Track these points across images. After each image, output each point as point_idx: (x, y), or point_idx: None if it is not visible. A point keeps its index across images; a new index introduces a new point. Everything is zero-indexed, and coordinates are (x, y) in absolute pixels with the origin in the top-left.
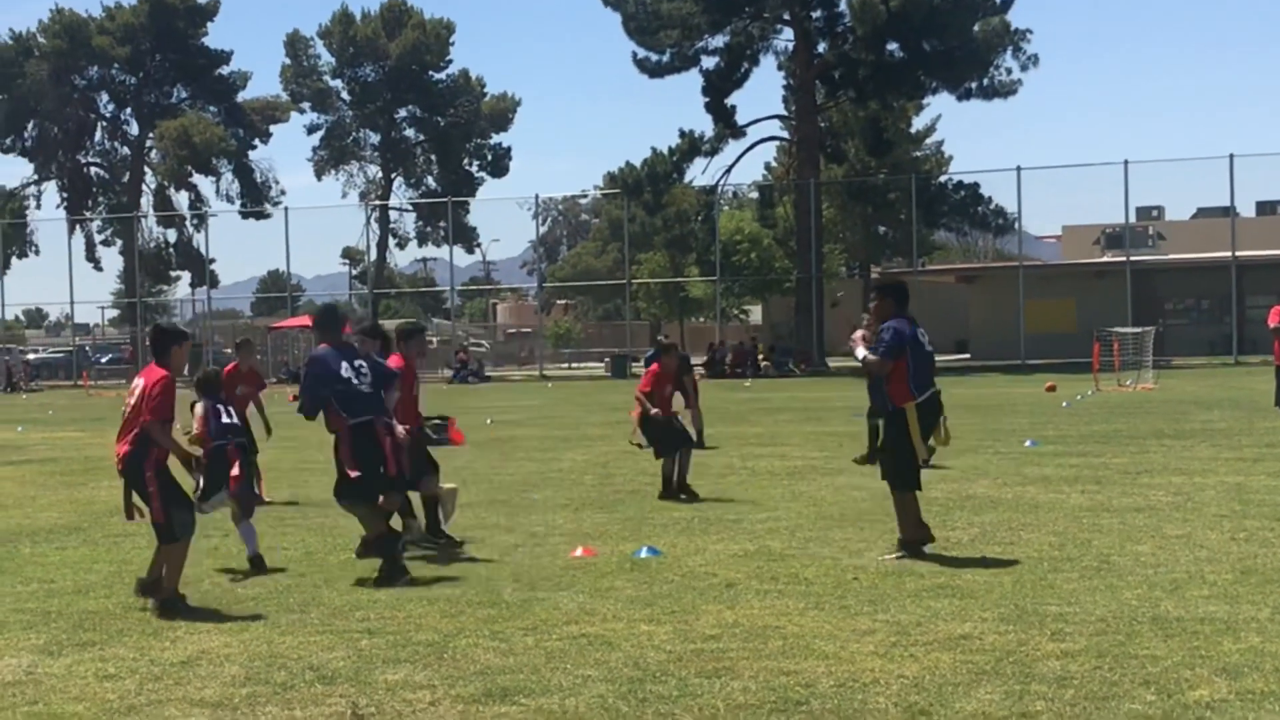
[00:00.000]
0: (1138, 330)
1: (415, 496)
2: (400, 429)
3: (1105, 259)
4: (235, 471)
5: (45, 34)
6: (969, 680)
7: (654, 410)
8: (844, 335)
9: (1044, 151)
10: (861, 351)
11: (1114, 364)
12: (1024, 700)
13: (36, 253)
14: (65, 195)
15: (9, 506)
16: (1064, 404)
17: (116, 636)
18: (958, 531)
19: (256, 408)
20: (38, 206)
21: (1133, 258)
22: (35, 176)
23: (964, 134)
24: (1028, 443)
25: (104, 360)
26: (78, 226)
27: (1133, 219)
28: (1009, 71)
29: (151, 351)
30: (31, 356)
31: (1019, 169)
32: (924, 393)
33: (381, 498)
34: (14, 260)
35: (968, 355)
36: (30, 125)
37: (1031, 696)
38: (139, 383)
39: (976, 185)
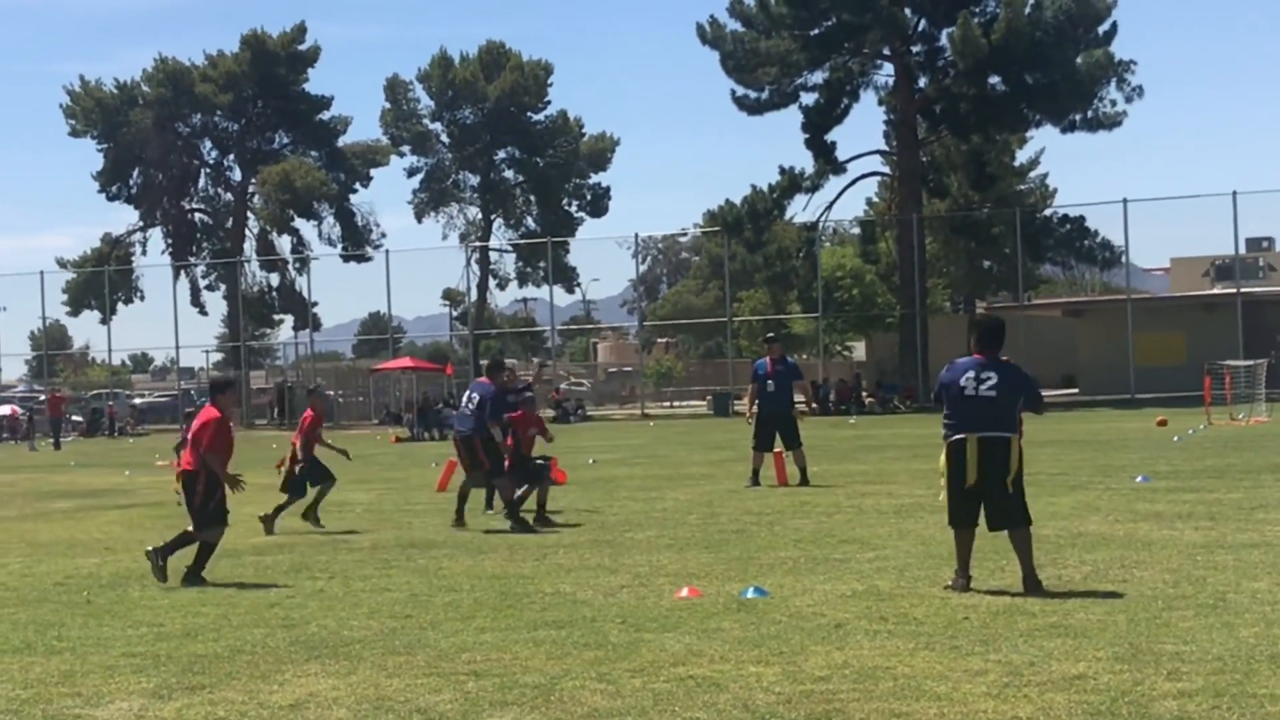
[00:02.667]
0: (1249, 363)
1: None
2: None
3: (1215, 291)
4: None
5: (149, 83)
6: None
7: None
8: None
9: (1151, 183)
10: None
11: (1226, 397)
12: None
13: (142, 299)
14: (170, 241)
15: (117, 550)
16: (1175, 438)
17: (225, 679)
18: (1069, 570)
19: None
20: (143, 253)
21: (1243, 289)
22: (141, 223)
23: (1068, 166)
24: (1139, 478)
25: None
26: (182, 272)
27: (1242, 250)
28: (1113, 103)
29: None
30: (138, 401)
31: (1125, 201)
32: (953, 435)
33: None
34: (120, 306)
35: (1076, 390)
36: (135, 173)
37: None
38: None
39: (1082, 218)
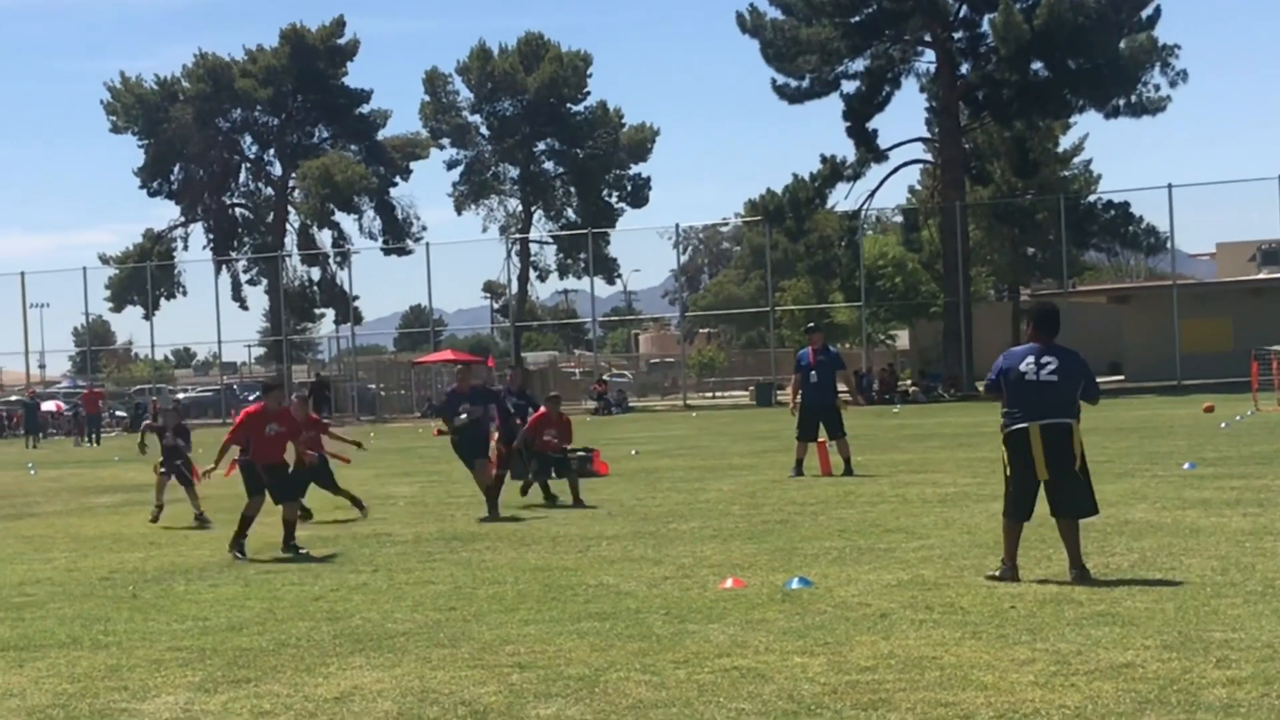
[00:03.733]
0: None
1: None
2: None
3: (1261, 276)
4: None
5: (190, 78)
6: (1132, 710)
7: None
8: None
9: (1196, 168)
10: None
11: (1273, 383)
12: None
13: (184, 294)
14: (211, 236)
15: (163, 545)
16: (1222, 425)
17: (271, 673)
18: (1117, 558)
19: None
20: (185, 248)
21: None
22: (182, 219)
23: (1112, 152)
24: (1186, 465)
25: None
26: (224, 267)
27: None
28: (1157, 88)
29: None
30: (181, 396)
31: (1170, 186)
32: (1013, 424)
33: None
34: (163, 301)
35: (1122, 377)
36: (176, 168)
37: None
38: None
39: (1127, 204)
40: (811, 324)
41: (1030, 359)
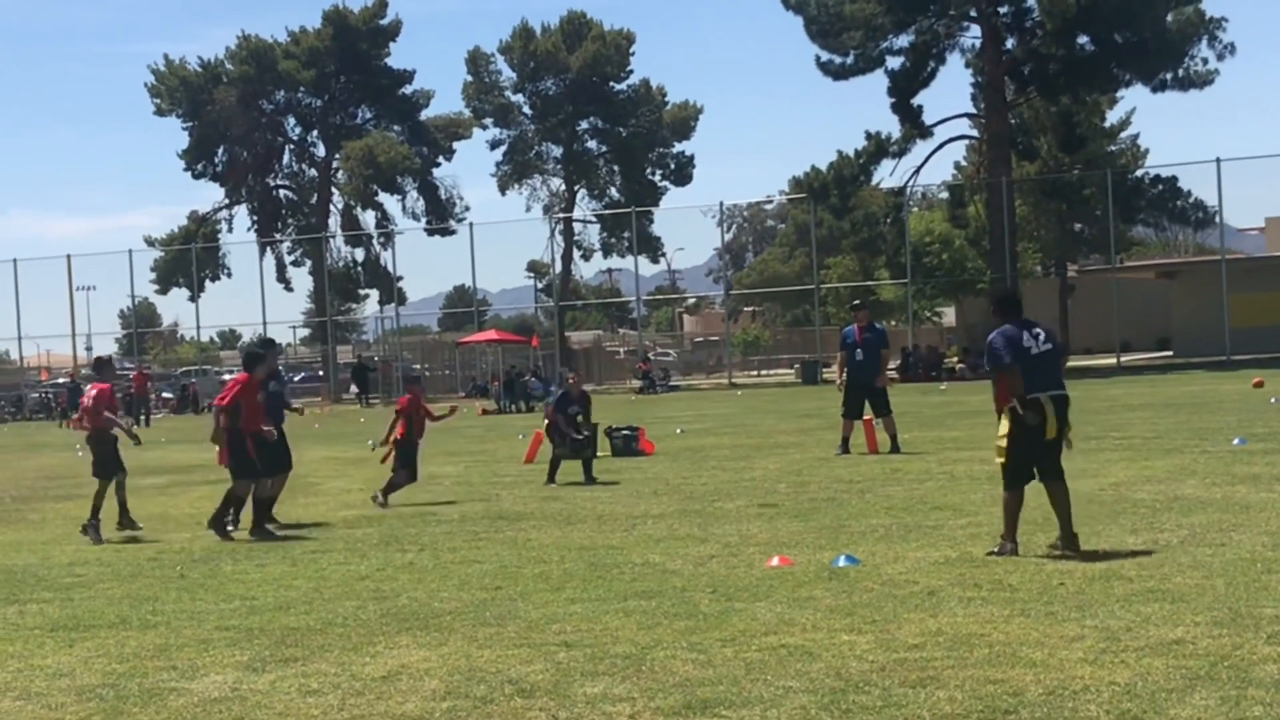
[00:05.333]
0: None
1: None
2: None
3: None
4: None
5: (233, 61)
6: (1183, 686)
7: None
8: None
9: (1244, 141)
10: None
11: None
12: (1240, 705)
13: (229, 275)
14: (255, 218)
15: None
16: (1272, 400)
17: (318, 652)
18: (1166, 533)
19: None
20: (229, 230)
21: None
22: (226, 201)
23: (1160, 126)
24: (1236, 441)
25: (296, 379)
26: (268, 248)
27: None
28: (1204, 61)
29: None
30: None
31: (1219, 160)
32: (1026, 394)
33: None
34: (208, 283)
35: (1170, 352)
36: (220, 150)
37: (1248, 701)
38: None
39: (1174, 178)
40: (857, 301)
41: (1025, 334)
